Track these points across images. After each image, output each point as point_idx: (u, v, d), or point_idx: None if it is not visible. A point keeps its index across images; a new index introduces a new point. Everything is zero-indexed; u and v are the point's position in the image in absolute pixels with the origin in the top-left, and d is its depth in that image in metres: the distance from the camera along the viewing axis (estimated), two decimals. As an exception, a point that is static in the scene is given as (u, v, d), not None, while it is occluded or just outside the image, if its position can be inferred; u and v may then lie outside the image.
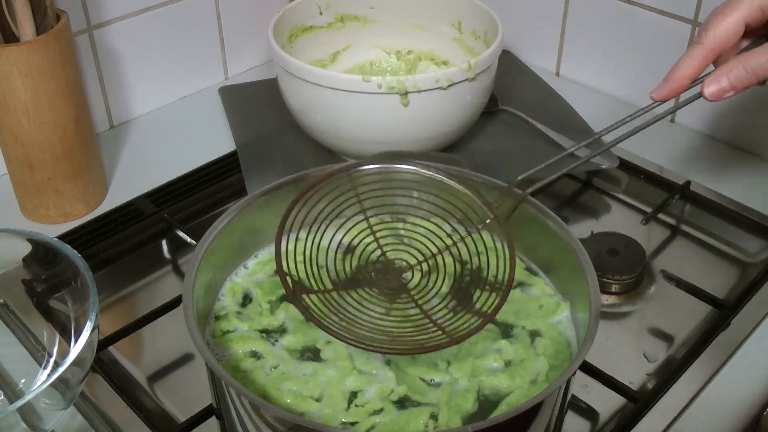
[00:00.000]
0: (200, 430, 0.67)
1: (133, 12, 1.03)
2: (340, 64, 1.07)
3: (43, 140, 0.84)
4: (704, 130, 1.04)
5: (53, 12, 0.84)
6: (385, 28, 1.06)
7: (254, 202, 0.70)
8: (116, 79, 1.05)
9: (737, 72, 0.61)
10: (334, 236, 0.65)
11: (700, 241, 0.89)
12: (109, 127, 1.07)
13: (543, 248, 0.71)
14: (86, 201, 0.91)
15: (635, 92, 1.09)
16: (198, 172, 0.97)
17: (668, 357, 0.75)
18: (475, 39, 1.01)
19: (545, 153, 0.96)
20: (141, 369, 0.74)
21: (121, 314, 0.80)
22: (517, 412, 0.53)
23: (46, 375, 0.70)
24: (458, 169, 0.71)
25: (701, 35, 0.62)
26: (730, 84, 0.62)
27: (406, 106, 0.85)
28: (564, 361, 0.64)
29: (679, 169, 0.97)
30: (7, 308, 0.76)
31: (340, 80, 0.85)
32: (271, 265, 0.72)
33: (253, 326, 0.67)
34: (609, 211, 0.93)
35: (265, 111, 1.05)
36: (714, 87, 0.62)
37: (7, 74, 0.80)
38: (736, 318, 0.77)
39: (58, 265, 0.68)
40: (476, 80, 0.88)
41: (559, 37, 1.14)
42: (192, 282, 0.62)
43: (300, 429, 0.54)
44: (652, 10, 1.03)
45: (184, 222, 0.89)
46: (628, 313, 0.79)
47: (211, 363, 0.56)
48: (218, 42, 1.14)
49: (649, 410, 0.69)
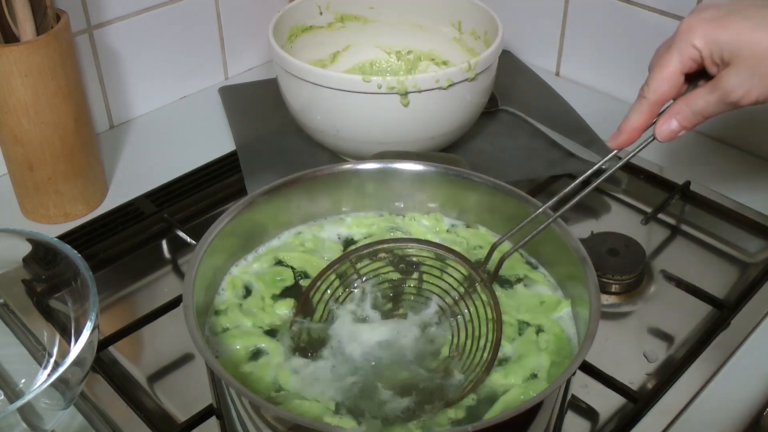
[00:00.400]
0: (200, 430, 0.67)
1: (133, 12, 1.03)
2: (340, 64, 1.07)
3: (43, 140, 0.84)
4: (704, 130, 1.04)
5: (53, 12, 0.84)
6: (385, 28, 1.06)
7: (254, 202, 0.70)
8: (116, 79, 1.05)
9: (684, 114, 0.64)
10: None
11: (700, 241, 0.89)
12: (109, 127, 1.07)
13: (543, 248, 0.71)
14: (86, 201, 0.91)
15: (635, 92, 1.09)
16: (198, 172, 0.97)
17: (668, 357, 0.75)
18: (475, 39, 1.01)
19: (545, 153, 0.97)
20: (141, 369, 0.74)
21: (121, 314, 0.80)
22: (517, 412, 0.53)
23: (46, 375, 0.70)
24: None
25: (644, 89, 0.65)
26: (679, 125, 0.64)
27: (406, 107, 0.85)
28: (565, 357, 0.64)
29: (679, 169, 0.97)
30: (7, 308, 0.76)
31: (340, 80, 0.85)
32: (270, 256, 0.72)
33: (255, 323, 0.67)
34: (609, 211, 0.93)
35: (265, 111, 1.05)
36: (665, 129, 0.65)
37: (7, 74, 0.80)
38: (736, 318, 0.77)
39: (58, 265, 0.68)
40: (476, 80, 0.88)
41: (559, 37, 1.14)
42: (192, 282, 0.62)
43: (300, 429, 0.54)
44: (651, 10, 1.03)
45: (184, 222, 0.89)
46: (628, 313, 0.79)
47: (211, 363, 0.56)
48: (218, 42, 1.14)
49: (649, 410, 0.69)
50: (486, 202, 0.73)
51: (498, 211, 0.73)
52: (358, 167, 0.75)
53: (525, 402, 0.54)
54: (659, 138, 0.65)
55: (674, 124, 0.64)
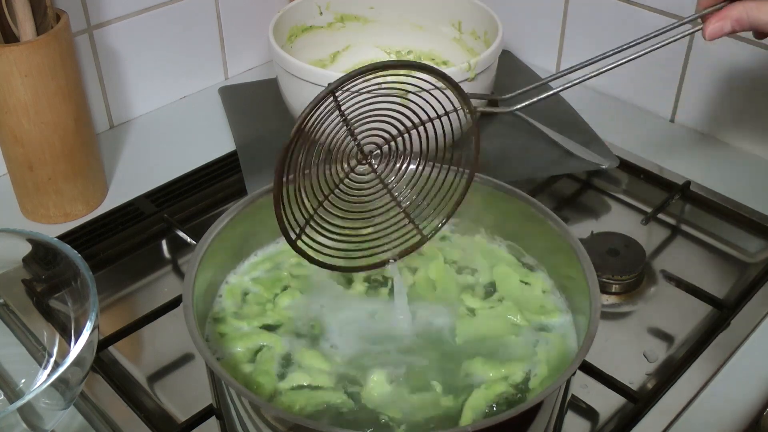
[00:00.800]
0: (200, 430, 0.67)
1: (133, 12, 1.03)
2: (340, 64, 1.07)
3: (43, 140, 0.84)
4: (704, 130, 1.04)
5: (53, 12, 0.84)
6: (385, 28, 1.06)
7: (254, 202, 0.70)
8: (116, 79, 1.05)
9: (739, 16, 0.66)
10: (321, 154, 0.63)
11: (700, 241, 0.89)
12: (109, 127, 1.07)
13: (543, 248, 0.71)
14: (86, 201, 0.91)
15: (635, 92, 1.09)
16: (198, 172, 0.97)
17: (668, 357, 0.75)
18: (475, 39, 1.01)
19: (545, 153, 0.97)
20: (141, 369, 0.74)
21: (121, 314, 0.80)
22: (517, 412, 0.53)
23: (46, 375, 0.70)
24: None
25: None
26: (731, 27, 0.66)
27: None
28: (563, 363, 0.64)
29: (679, 169, 0.97)
30: (7, 308, 0.76)
31: (340, 80, 0.85)
32: (267, 264, 0.72)
33: (252, 323, 0.67)
34: (609, 211, 0.93)
35: (265, 111, 1.05)
36: (716, 27, 0.66)
37: (7, 74, 0.80)
38: (736, 318, 0.77)
39: (58, 265, 0.68)
40: (476, 80, 0.88)
41: (559, 37, 1.14)
42: (192, 282, 0.62)
43: (300, 429, 0.54)
44: (652, 10, 1.03)
45: (184, 222, 0.89)
46: (628, 313, 0.79)
47: (211, 363, 0.56)
48: (218, 42, 1.14)
49: (649, 410, 0.69)
50: (486, 202, 0.73)
51: (498, 211, 0.73)
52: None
53: (525, 402, 0.54)
54: (707, 35, 0.67)
55: (727, 26, 0.66)
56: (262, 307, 0.68)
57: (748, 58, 0.96)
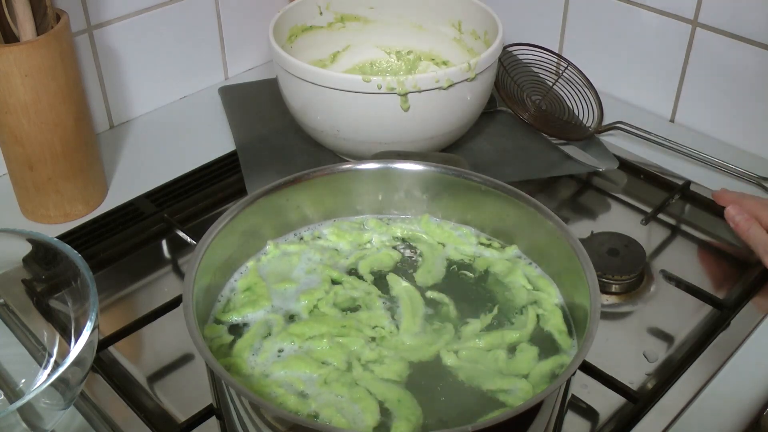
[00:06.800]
0: (200, 430, 0.67)
1: (133, 12, 1.03)
2: (340, 64, 1.07)
3: (43, 140, 0.84)
4: (704, 130, 1.04)
5: (53, 12, 0.84)
6: (385, 28, 1.06)
7: (254, 202, 0.70)
8: (116, 79, 1.05)
9: (754, 229, 0.82)
10: None
11: (700, 241, 0.89)
12: (109, 127, 1.07)
13: (543, 248, 0.71)
14: (86, 201, 0.91)
15: (635, 92, 1.09)
16: (198, 172, 0.97)
17: (668, 357, 0.75)
18: (475, 39, 1.01)
19: (545, 153, 0.97)
20: (141, 369, 0.74)
21: (121, 314, 0.80)
22: (517, 412, 0.53)
23: (46, 375, 0.70)
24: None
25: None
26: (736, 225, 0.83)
27: (406, 109, 0.85)
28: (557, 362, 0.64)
29: (679, 169, 0.97)
30: (7, 308, 0.76)
31: (340, 80, 0.85)
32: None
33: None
34: (609, 211, 0.93)
35: (265, 111, 1.05)
36: (735, 213, 0.83)
37: (7, 74, 0.80)
38: (736, 318, 0.77)
39: (58, 265, 0.68)
40: (476, 80, 0.88)
41: (559, 37, 1.14)
42: (192, 282, 0.62)
43: (300, 429, 0.54)
44: (652, 10, 1.03)
45: (184, 222, 0.89)
46: (628, 313, 0.79)
47: (211, 363, 0.56)
48: (218, 42, 1.14)
49: (649, 410, 0.69)
50: (486, 202, 0.73)
51: (497, 212, 0.73)
52: (358, 167, 0.75)
53: (525, 402, 0.54)
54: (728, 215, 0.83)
55: (741, 222, 0.82)
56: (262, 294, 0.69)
57: (749, 59, 0.96)
